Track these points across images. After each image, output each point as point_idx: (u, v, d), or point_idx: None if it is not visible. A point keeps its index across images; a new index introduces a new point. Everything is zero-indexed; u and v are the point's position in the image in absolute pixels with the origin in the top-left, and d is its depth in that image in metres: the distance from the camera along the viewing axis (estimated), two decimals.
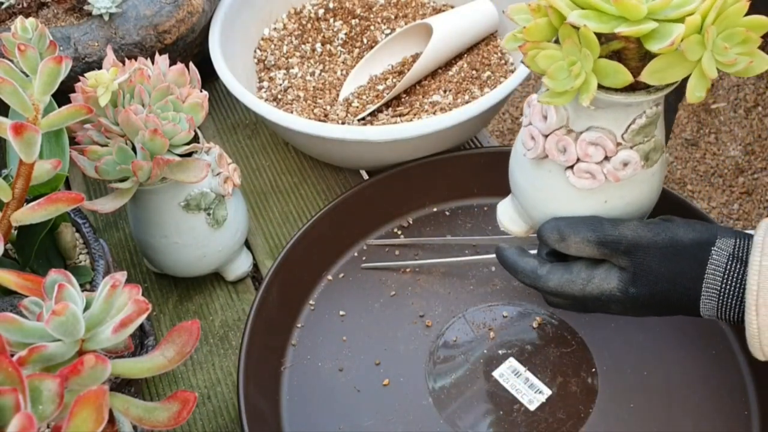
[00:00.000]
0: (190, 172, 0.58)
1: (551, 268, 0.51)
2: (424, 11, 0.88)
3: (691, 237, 0.46)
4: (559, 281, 0.50)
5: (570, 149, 0.47)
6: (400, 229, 0.73)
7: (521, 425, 0.58)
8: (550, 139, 0.48)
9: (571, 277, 0.50)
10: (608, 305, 0.50)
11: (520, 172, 0.53)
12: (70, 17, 0.75)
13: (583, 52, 0.42)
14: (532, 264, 0.52)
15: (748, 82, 1.73)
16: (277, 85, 0.82)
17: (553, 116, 0.47)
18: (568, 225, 0.49)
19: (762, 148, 1.61)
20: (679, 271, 0.46)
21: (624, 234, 0.47)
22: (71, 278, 0.40)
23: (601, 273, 0.49)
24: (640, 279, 0.47)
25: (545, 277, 0.51)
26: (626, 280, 0.48)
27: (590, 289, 0.49)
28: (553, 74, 0.43)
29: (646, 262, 0.47)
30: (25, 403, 0.32)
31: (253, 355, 0.59)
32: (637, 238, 0.47)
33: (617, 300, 0.49)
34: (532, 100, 0.49)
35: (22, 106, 0.48)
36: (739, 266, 0.45)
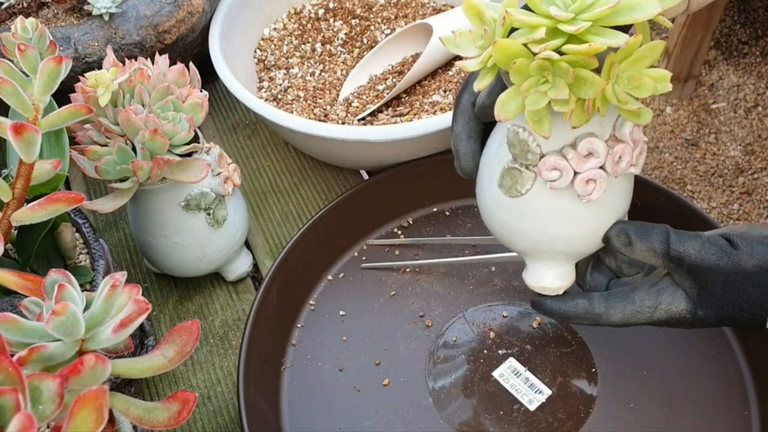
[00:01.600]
0: (190, 172, 0.58)
1: (608, 302, 0.49)
2: (424, 11, 0.88)
3: (754, 263, 0.45)
4: (623, 315, 0.49)
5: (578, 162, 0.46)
6: (400, 229, 0.73)
7: (521, 425, 0.58)
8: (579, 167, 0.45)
9: (635, 308, 0.48)
10: (677, 325, 0.49)
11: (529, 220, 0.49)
12: (70, 17, 0.75)
13: (556, 80, 0.41)
14: (583, 305, 0.50)
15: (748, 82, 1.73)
16: (277, 85, 0.82)
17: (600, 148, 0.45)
18: (637, 231, 0.48)
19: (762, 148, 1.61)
20: (745, 298, 0.46)
21: (688, 252, 0.46)
22: (71, 278, 0.40)
23: (667, 297, 0.48)
24: (705, 302, 0.47)
25: (606, 314, 0.49)
26: (693, 303, 0.47)
27: (658, 315, 0.48)
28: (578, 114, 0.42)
29: (709, 286, 0.46)
30: (25, 403, 0.32)
31: (253, 355, 0.59)
32: (700, 260, 0.46)
33: (687, 321, 0.48)
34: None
35: (22, 106, 0.48)
36: None
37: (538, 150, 0.45)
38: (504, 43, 0.41)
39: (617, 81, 0.41)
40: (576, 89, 0.41)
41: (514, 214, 0.49)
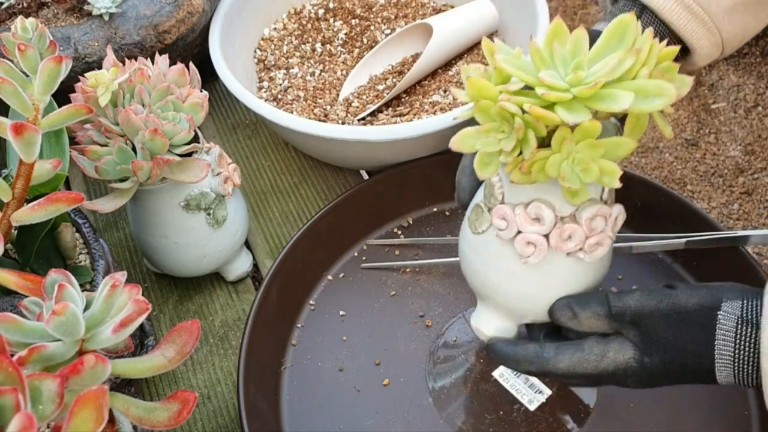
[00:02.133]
0: (190, 172, 0.58)
1: (559, 349, 0.48)
2: (424, 11, 0.88)
3: (694, 302, 0.45)
4: (570, 361, 0.47)
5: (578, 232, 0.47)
6: (400, 229, 0.73)
7: (521, 425, 0.58)
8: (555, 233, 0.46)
9: (583, 355, 0.47)
10: (624, 379, 0.47)
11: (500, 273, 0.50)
12: (70, 17, 0.75)
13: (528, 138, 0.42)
14: (533, 349, 0.49)
15: (748, 82, 1.73)
16: (277, 85, 0.82)
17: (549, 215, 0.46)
18: (578, 302, 0.48)
19: (762, 148, 1.61)
20: (687, 338, 0.45)
21: (628, 304, 0.46)
22: (71, 278, 0.40)
23: (615, 346, 0.47)
24: (650, 347, 0.46)
25: (554, 359, 0.48)
26: (639, 350, 0.46)
27: (605, 365, 0.47)
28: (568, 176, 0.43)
29: (652, 331, 0.46)
30: (25, 403, 0.32)
31: (253, 355, 0.59)
32: (641, 307, 0.46)
33: (634, 372, 0.46)
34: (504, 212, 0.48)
35: (22, 106, 0.48)
36: (750, 330, 0.43)
37: (500, 197, 0.47)
38: (478, 81, 0.42)
39: (568, 157, 0.42)
40: (522, 147, 0.42)
41: (473, 249, 0.50)
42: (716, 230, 0.63)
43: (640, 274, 0.66)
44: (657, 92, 0.40)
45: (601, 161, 0.42)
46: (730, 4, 0.52)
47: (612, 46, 0.42)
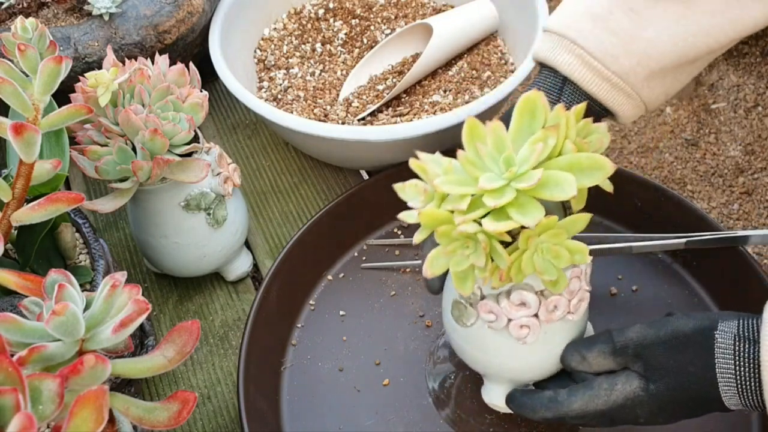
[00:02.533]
0: (190, 172, 0.58)
1: (570, 391, 0.50)
2: (424, 11, 0.88)
3: (692, 326, 0.47)
4: (582, 401, 0.49)
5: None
6: (400, 229, 0.73)
7: (521, 425, 0.58)
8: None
9: (593, 393, 0.48)
10: (635, 411, 0.48)
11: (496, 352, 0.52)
12: (70, 17, 0.75)
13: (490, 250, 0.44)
14: (548, 395, 0.50)
15: (748, 82, 1.73)
16: (277, 85, 0.82)
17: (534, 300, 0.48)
18: (584, 345, 0.50)
19: (762, 148, 1.61)
20: (687, 361, 0.46)
21: (630, 337, 0.48)
22: (71, 278, 0.40)
23: (622, 378, 0.48)
24: (654, 375, 0.47)
25: (567, 401, 0.49)
26: (645, 379, 0.47)
27: (615, 398, 0.48)
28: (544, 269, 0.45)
29: (654, 359, 0.47)
30: (25, 403, 0.32)
31: (253, 355, 0.59)
32: (642, 338, 0.48)
33: (642, 402, 0.47)
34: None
35: (22, 106, 0.48)
36: (749, 346, 0.44)
37: (479, 291, 0.49)
38: (429, 211, 0.44)
39: (537, 250, 0.44)
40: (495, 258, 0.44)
41: (466, 341, 0.53)
42: (716, 230, 0.63)
43: (640, 274, 0.66)
44: (593, 166, 0.43)
45: (567, 243, 0.44)
46: (647, 74, 0.54)
47: (526, 126, 0.44)
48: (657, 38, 0.53)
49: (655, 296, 0.64)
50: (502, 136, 0.44)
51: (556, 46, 0.54)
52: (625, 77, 0.54)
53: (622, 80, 0.54)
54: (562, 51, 0.54)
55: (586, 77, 0.54)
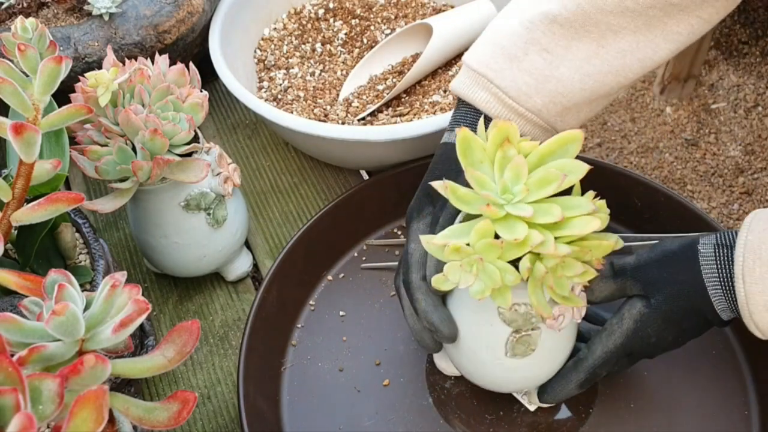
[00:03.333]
0: (190, 172, 0.58)
1: (588, 343, 0.54)
2: (424, 11, 0.88)
3: (678, 243, 0.51)
4: (601, 342, 0.53)
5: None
6: (400, 229, 0.73)
7: (521, 425, 0.58)
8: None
9: (607, 332, 0.52)
10: (646, 331, 0.51)
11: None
12: (70, 17, 0.75)
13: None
14: (572, 361, 0.54)
15: (748, 82, 1.73)
16: (277, 85, 0.82)
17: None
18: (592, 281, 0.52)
19: (762, 148, 1.61)
20: (678, 272, 0.50)
21: (626, 261, 0.52)
22: (71, 278, 0.40)
23: (626, 306, 0.52)
24: (652, 289, 0.51)
25: (590, 352, 0.53)
26: (645, 296, 0.51)
27: (626, 325, 0.52)
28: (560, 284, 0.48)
29: (650, 276, 0.51)
30: (25, 403, 0.32)
31: (253, 355, 0.59)
32: (636, 261, 0.52)
33: (649, 318, 0.51)
34: None
35: (22, 106, 0.48)
36: (727, 251, 0.48)
37: (533, 314, 0.50)
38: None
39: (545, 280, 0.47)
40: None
41: (527, 367, 0.53)
42: (716, 230, 0.63)
43: None
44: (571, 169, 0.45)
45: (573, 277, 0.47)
46: (560, 110, 0.57)
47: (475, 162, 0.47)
48: (569, 77, 0.56)
49: None
50: (522, 171, 0.46)
51: (473, 83, 0.57)
52: (539, 113, 0.57)
53: (536, 116, 0.57)
54: (479, 89, 0.57)
55: (502, 114, 0.57)
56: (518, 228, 0.44)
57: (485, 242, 0.45)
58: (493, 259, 0.45)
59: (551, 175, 0.45)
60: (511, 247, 0.45)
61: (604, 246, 0.47)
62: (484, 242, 0.45)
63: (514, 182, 0.45)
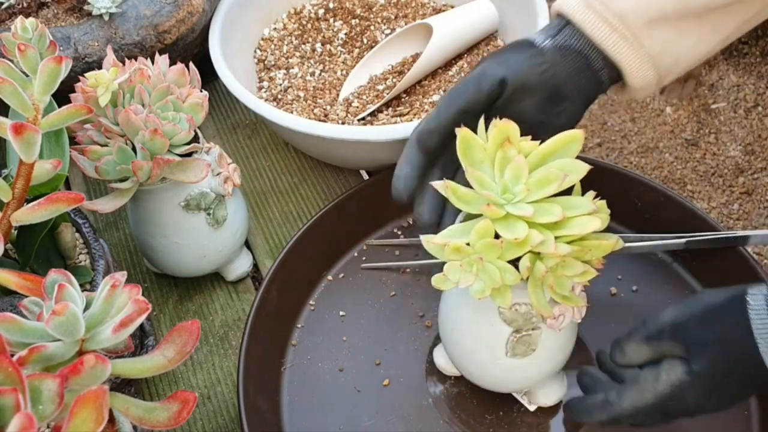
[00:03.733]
0: (190, 172, 0.58)
1: (620, 390, 0.50)
2: (424, 11, 0.88)
3: (722, 297, 0.47)
4: (631, 396, 0.49)
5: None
6: (400, 229, 0.73)
7: (521, 425, 0.58)
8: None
9: (640, 387, 0.48)
10: (684, 397, 0.47)
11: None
12: (70, 17, 0.75)
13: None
14: (600, 399, 0.51)
15: (748, 82, 1.73)
16: (277, 85, 0.82)
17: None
18: (624, 337, 0.50)
19: (762, 148, 1.61)
20: (725, 330, 0.45)
21: (663, 320, 0.48)
22: (71, 278, 0.40)
23: (665, 366, 0.48)
24: (694, 353, 0.46)
25: (619, 400, 0.49)
26: (686, 362, 0.47)
27: (661, 387, 0.47)
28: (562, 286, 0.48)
29: (692, 336, 0.47)
30: (25, 403, 0.32)
31: (253, 355, 0.59)
32: (675, 319, 0.48)
33: (688, 385, 0.47)
34: None
35: (22, 106, 0.48)
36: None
37: (534, 313, 0.50)
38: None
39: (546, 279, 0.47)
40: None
41: (528, 367, 0.53)
42: (716, 230, 0.63)
43: (640, 274, 0.66)
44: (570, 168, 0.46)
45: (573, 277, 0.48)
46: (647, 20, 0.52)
47: (476, 162, 0.47)
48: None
49: (655, 296, 0.64)
50: (522, 172, 0.46)
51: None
52: (624, 19, 0.51)
53: (620, 22, 0.52)
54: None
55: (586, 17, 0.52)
56: (518, 227, 0.44)
57: (485, 242, 0.45)
58: (493, 258, 0.45)
59: (551, 174, 0.45)
60: (511, 246, 0.45)
61: (604, 246, 0.47)
62: (484, 242, 0.45)
63: (515, 182, 0.45)
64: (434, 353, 0.61)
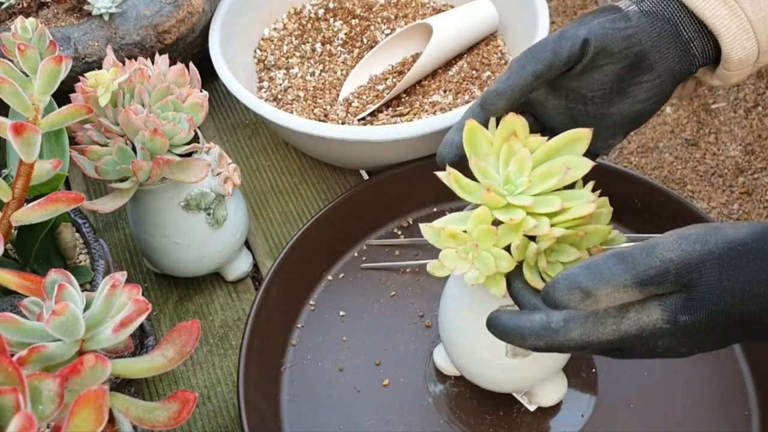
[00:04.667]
0: (190, 172, 0.58)
1: (567, 316, 0.40)
2: (424, 11, 0.88)
3: (745, 233, 0.37)
4: (583, 329, 0.40)
5: None
6: (400, 229, 0.73)
7: (521, 425, 0.58)
8: None
9: (597, 320, 0.39)
10: (653, 343, 0.39)
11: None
12: (70, 17, 0.75)
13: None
14: (539, 320, 0.41)
15: (748, 82, 1.73)
16: (277, 85, 0.82)
17: None
18: (589, 277, 0.38)
19: (762, 148, 1.61)
20: (748, 278, 0.37)
21: (668, 258, 0.37)
22: (71, 278, 0.40)
23: (636, 306, 0.39)
24: (694, 302, 0.37)
25: (564, 328, 0.40)
26: (673, 308, 0.38)
27: (626, 328, 0.39)
28: None
29: (704, 281, 0.37)
30: (25, 403, 0.32)
31: (253, 355, 0.59)
32: (686, 257, 0.37)
33: (664, 333, 0.38)
34: None
35: (22, 106, 0.48)
36: None
37: None
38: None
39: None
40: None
41: (528, 367, 0.53)
42: None
43: None
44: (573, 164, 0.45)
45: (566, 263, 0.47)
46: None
47: (482, 152, 0.47)
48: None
49: None
50: (526, 164, 0.46)
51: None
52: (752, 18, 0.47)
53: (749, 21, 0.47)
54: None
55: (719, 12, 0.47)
56: (517, 213, 0.44)
57: (482, 228, 0.45)
58: (489, 246, 0.45)
59: (554, 168, 0.45)
60: (507, 232, 0.44)
61: (600, 231, 0.46)
62: (481, 228, 0.45)
63: (518, 175, 0.45)
64: (434, 353, 0.61)
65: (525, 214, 0.44)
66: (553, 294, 0.39)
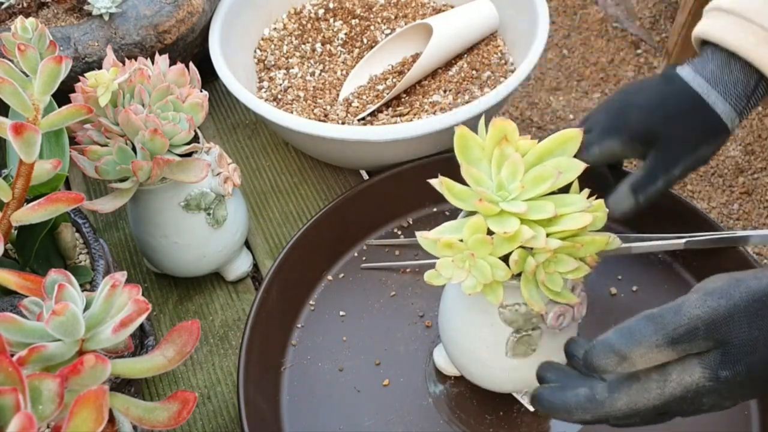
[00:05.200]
0: (190, 172, 0.58)
1: (611, 386, 0.41)
2: (424, 11, 0.88)
3: (766, 282, 0.38)
4: (629, 397, 0.40)
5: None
6: (400, 229, 0.73)
7: (521, 425, 0.58)
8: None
9: (641, 386, 0.40)
10: (698, 402, 0.39)
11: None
12: (70, 17, 0.75)
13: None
14: (584, 393, 0.41)
15: None
16: (277, 85, 0.82)
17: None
18: (622, 340, 0.39)
19: (762, 148, 1.61)
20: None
21: (695, 315, 0.38)
22: (71, 278, 0.40)
23: (676, 367, 0.39)
24: (730, 357, 0.37)
25: (610, 398, 0.40)
26: (712, 364, 0.38)
27: (671, 390, 0.39)
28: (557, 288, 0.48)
29: (734, 334, 0.37)
30: (25, 403, 0.32)
31: (253, 355, 0.59)
32: (713, 313, 0.38)
33: (708, 391, 0.38)
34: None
35: (22, 106, 0.48)
36: None
37: (534, 314, 0.50)
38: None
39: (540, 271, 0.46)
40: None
41: (528, 368, 0.52)
42: (716, 230, 0.63)
43: (640, 274, 0.66)
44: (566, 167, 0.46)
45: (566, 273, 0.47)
46: None
47: (473, 160, 0.47)
48: None
49: (655, 296, 0.64)
50: (518, 169, 0.47)
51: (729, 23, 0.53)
52: None
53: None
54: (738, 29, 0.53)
55: (737, 35, 0.53)
56: (510, 222, 0.44)
57: (477, 238, 0.45)
58: (485, 255, 0.45)
59: (546, 172, 0.45)
60: (503, 242, 0.45)
61: (597, 241, 0.46)
62: (476, 238, 0.45)
63: (510, 180, 0.45)
64: (434, 353, 0.61)
65: (519, 223, 0.44)
66: (590, 359, 0.40)
